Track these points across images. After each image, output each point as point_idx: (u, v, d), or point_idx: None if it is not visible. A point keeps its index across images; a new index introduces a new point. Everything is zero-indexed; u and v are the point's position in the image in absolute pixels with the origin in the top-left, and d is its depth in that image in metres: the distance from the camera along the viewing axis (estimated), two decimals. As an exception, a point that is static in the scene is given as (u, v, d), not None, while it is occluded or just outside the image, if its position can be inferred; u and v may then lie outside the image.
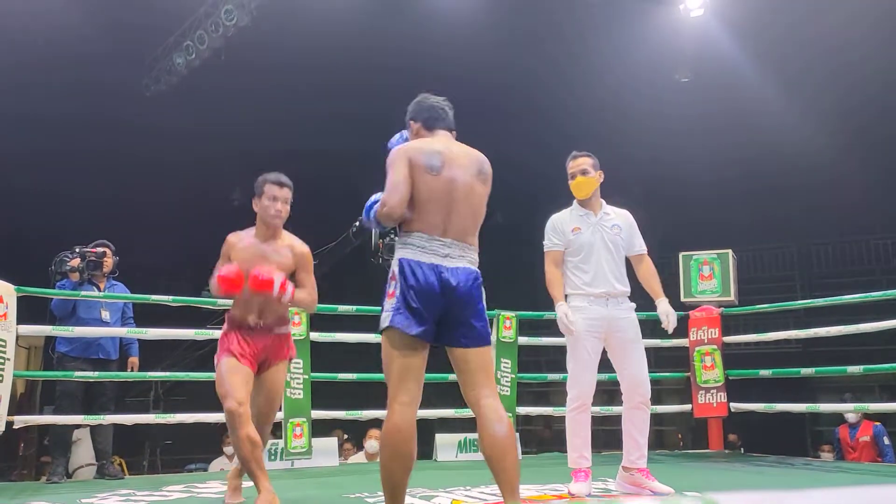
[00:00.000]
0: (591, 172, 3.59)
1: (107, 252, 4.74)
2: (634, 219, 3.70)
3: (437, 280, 2.31)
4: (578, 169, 3.60)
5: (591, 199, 3.61)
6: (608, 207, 3.65)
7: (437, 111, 2.60)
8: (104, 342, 4.65)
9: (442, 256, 2.34)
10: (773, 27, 8.88)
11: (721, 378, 5.37)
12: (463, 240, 2.39)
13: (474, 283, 2.38)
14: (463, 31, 9.03)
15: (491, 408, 2.38)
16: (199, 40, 9.17)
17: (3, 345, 3.93)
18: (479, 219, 2.46)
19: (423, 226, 2.37)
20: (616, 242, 3.56)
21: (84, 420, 4.48)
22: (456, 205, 2.38)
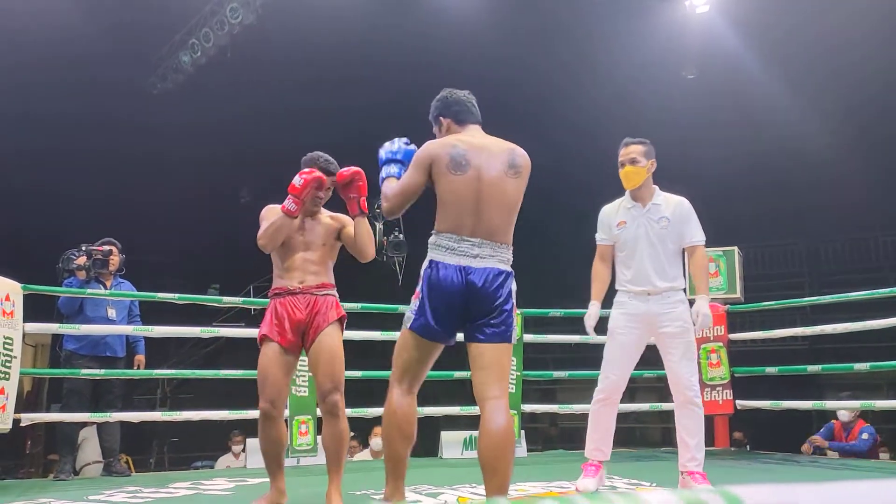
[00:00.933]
0: (641, 162, 3.39)
1: (113, 250, 4.74)
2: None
3: (462, 281, 2.31)
4: (628, 158, 3.42)
5: (640, 190, 3.42)
6: (661, 197, 3.43)
7: (465, 105, 2.56)
8: (111, 340, 4.66)
9: (472, 257, 2.33)
10: (777, 24, 8.85)
11: (727, 375, 5.35)
12: (493, 238, 2.37)
13: (498, 282, 2.35)
14: (469, 27, 9.02)
15: (495, 408, 2.34)
16: (205, 38, 9.20)
17: (10, 343, 3.95)
18: (512, 215, 2.42)
19: (451, 226, 2.36)
20: (662, 236, 3.36)
21: (91, 418, 4.49)
22: (484, 204, 2.36)
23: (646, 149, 3.45)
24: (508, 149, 2.46)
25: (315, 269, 2.97)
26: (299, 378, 4.60)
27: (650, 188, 3.45)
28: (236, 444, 6.59)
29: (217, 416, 4.81)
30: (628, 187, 3.46)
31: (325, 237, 3.01)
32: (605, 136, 9.78)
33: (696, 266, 3.38)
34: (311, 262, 2.97)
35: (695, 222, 3.40)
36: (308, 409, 4.61)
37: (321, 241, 2.99)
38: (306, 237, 2.99)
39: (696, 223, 3.40)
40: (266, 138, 10.02)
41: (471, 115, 2.54)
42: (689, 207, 3.42)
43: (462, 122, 2.53)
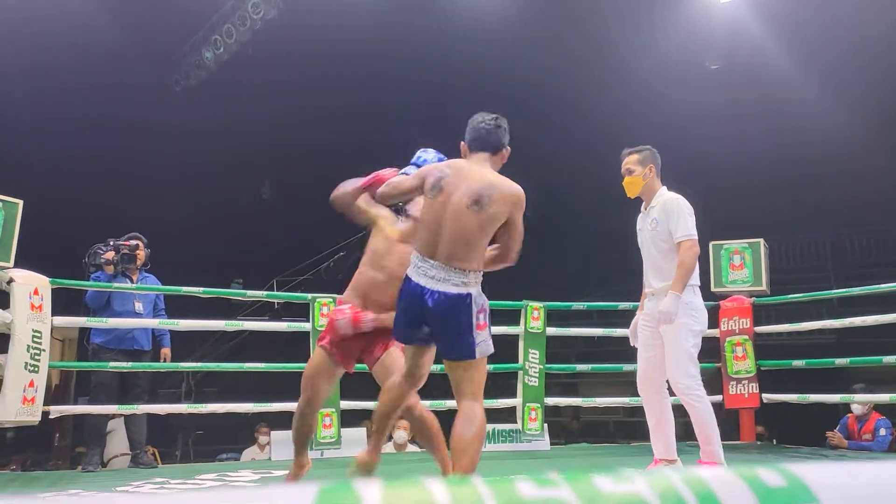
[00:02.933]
0: (636, 171, 3.53)
1: (139, 245, 4.80)
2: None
3: (419, 299, 2.48)
4: (625, 168, 3.57)
5: (643, 196, 3.58)
6: (658, 198, 3.54)
7: (478, 132, 2.65)
8: (137, 334, 4.71)
9: (429, 278, 2.48)
10: (803, 15, 8.71)
11: (752, 369, 5.30)
12: (450, 263, 2.47)
13: (453, 306, 2.46)
14: (489, 24, 8.99)
15: (466, 408, 2.51)
16: (227, 34, 9.25)
17: (39, 336, 4.01)
18: (470, 246, 2.49)
19: (420, 245, 2.54)
20: (654, 237, 3.50)
21: (118, 410, 4.55)
22: (444, 230, 2.48)
23: (641, 156, 3.55)
24: (486, 183, 2.51)
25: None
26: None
27: (652, 192, 3.56)
28: (263, 436, 6.63)
29: (242, 409, 4.86)
30: (629, 196, 3.61)
31: None
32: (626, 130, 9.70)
33: (677, 262, 3.40)
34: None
35: (679, 219, 3.43)
36: (332, 403, 4.63)
37: None
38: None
39: (680, 219, 3.42)
40: (288, 134, 10.06)
41: (479, 143, 2.63)
42: (676, 205, 3.46)
43: (472, 149, 2.65)
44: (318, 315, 4.68)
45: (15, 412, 3.86)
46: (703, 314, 3.51)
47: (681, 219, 3.42)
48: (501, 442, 5.07)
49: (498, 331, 5.37)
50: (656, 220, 3.49)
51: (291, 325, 4.98)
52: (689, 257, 3.37)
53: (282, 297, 6.96)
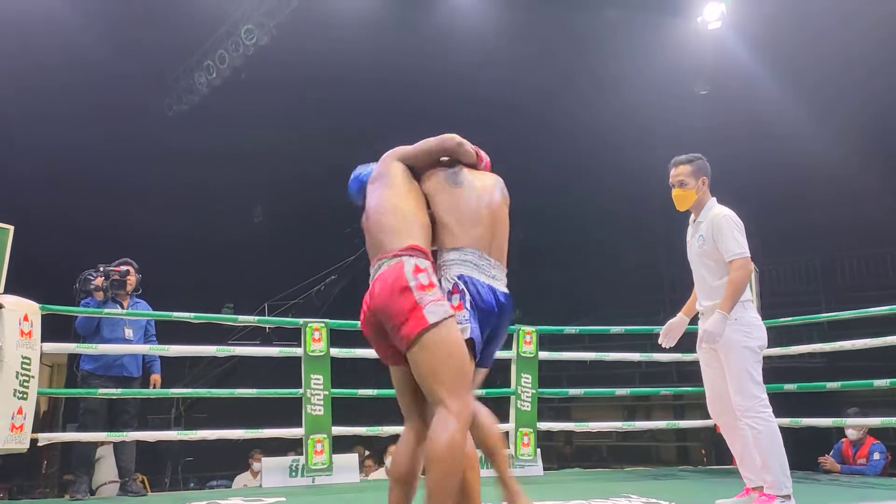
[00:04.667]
0: (689, 183, 3.35)
1: (130, 270, 4.78)
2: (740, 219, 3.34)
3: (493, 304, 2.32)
4: (676, 180, 3.39)
5: (693, 209, 3.40)
6: (707, 213, 3.34)
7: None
8: (127, 360, 4.69)
9: (490, 277, 2.35)
10: (790, 40, 8.85)
11: (745, 393, 5.28)
12: (501, 261, 2.41)
13: (510, 308, 2.38)
14: (481, 47, 9.09)
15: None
16: (220, 59, 9.31)
17: (28, 363, 3.97)
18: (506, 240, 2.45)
19: (472, 240, 2.35)
20: (701, 254, 3.32)
21: (108, 437, 4.51)
22: (488, 222, 2.42)
23: (694, 167, 3.38)
24: (493, 177, 2.55)
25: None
26: (314, 397, 4.60)
27: (701, 205, 3.38)
28: (257, 462, 6.56)
29: (232, 436, 4.81)
30: (679, 209, 3.43)
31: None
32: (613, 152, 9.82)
33: (728, 280, 3.21)
34: None
35: (728, 236, 3.24)
36: (323, 428, 4.60)
37: None
38: None
39: (729, 237, 3.24)
40: (280, 159, 10.09)
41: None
42: (723, 221, 3.27)
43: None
44: (310, 340, 4.66)
45: (3, 440, 3.82)
46: (759, 329, 3.28)
47: (731, 237, 3.24)
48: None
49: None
50: (703, 236, 3.31)
51: (283, 351, 4.96)
52: (741, 276, 3.18)
53: (273, 322, 6.92)
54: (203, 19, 9.23)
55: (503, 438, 2.53)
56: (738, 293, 3.18)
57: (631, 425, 6.66)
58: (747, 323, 3.22)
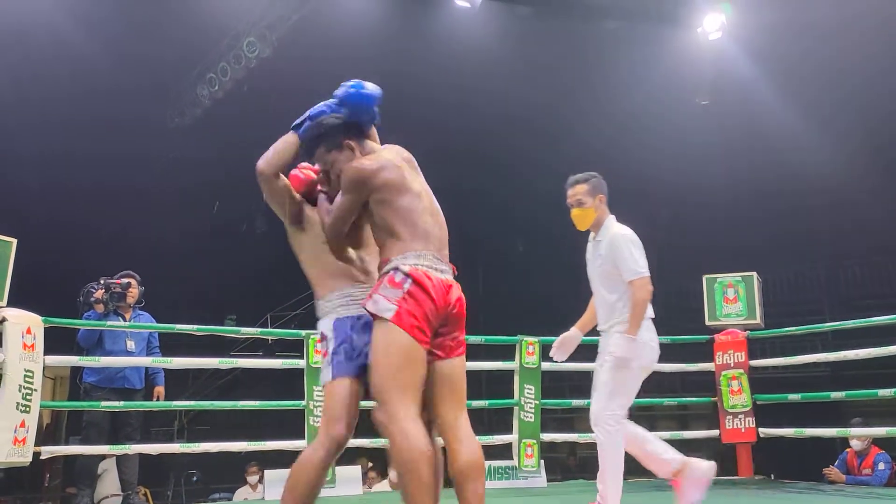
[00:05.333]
0: (586, 203, 3.35)
1: (132, 282, 4.79)
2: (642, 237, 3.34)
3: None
4: (574, 199, 3.39)
5: (592, 227, 3.42)
6: (605, 232, 3.36)
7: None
8: (129, 372, 4.69)
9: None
10: (790, 48, 8.87)
11: (749, 403, 5.29)
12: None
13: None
14: (481, 57, 9.11)
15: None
16: (223, 72, 9.34)
17: (31, 375, 3.97)
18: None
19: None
20: (600, 273, 3.34)
21: (111, 450, 4.50)
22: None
23: (590, 186, 3.38)
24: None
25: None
26: (317, 409, 4.58)
27: (600, 223, 3.39)
28: (251, 475, 6.54)
29: (235, 448, 4.80)
30: (579, 229, 3.44)
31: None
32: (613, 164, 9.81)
33: (631, 303, 3.23)
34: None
35: (627, 256, 3.24)
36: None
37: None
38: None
39: (628, 257, 3.24)
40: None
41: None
42: (622, 241, 3.28)
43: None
44: (312, 352, 4.65)
45: (6, 453, 3.81)
46: (647, 350, 3.28)
47: (629, 256, 3.24)
48: (498, 479, 5.01)
49: (493, 366, 5.40)
50: (602, 255, 3.33)
51: (286, 363, 4.96)
52: (643, 297, 3.20)
53: (275, 335, 6.92)
54: (205, 32, 9.26)
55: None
56: (642, 314, 3.20)
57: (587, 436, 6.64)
58: (642, 341, 3.23)
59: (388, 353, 2.23)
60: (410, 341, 2.23)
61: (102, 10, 8.41)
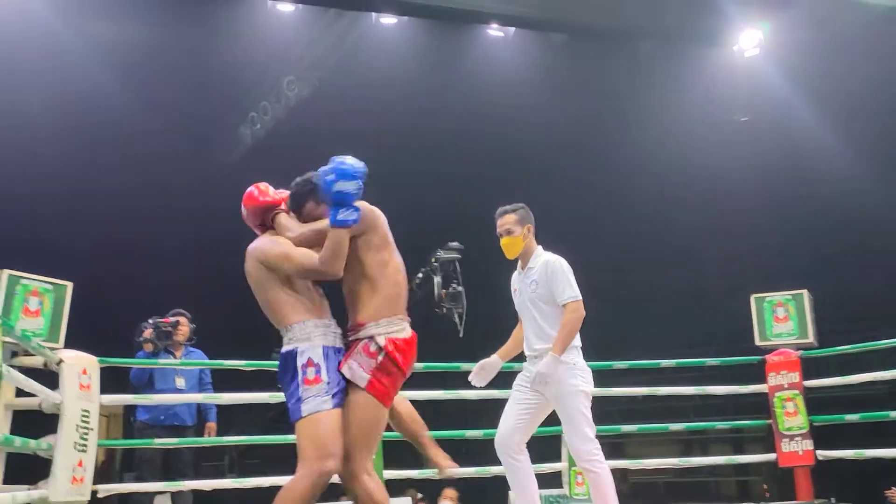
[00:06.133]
0: (515, 231, 3.46)
1: (181, 320, 4.89)
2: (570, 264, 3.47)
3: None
4: (503, 229, 3.49)
5: (522, 256, 3.52)
6: (537, 260, 3.48)
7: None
8: (179, 409, 4.77)
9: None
10: (829, 65, 8.76)
11: (805, 425, 5.15)
12: (278, 326, 2.61)
13: (280, 364, 2.56)
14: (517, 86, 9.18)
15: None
16: (264, 111, 9.57)
17: (87, 415, 4.06)
18: (269, 311, 2.62)
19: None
20: (534, 299, 3.44)
21: (166, 487, 4.57)
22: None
23: (518, 216, 3.50)
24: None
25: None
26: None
27: (529, 252, 3.52)
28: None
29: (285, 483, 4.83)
30: (509, 257, 3.55)
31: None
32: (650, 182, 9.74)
33: (562, 323, 3.34)
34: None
35: (563, 281, 3.38)
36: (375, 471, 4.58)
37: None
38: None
39: (564, 281, 3.37)
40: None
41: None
42: (557, 267, 3.41)
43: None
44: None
45: (65, 492, 3.90)
46: (590, 374, 3.42)
47: (565, 280, 3.38)
48: (553, 508, 4.95)
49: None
50: (536, 281, 3.43)
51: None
52: (574, 319, 3.33)
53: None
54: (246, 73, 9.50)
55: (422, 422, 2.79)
56: (571, 336, 3.32)
57: (687, 461, 6.51)
58: (581, 367, 3.36)
59: (360, 419, 2.45)
60: (380, 408, 2.48)
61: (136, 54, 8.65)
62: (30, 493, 3.78)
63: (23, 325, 3.87)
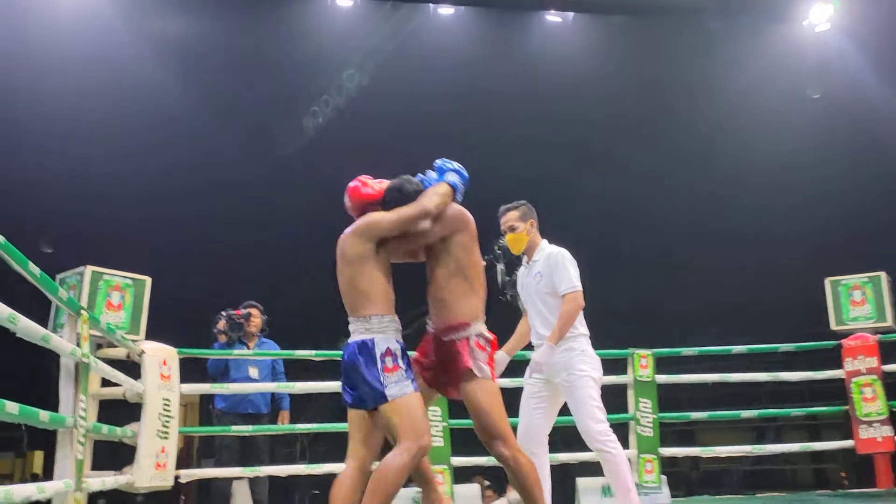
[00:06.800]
0: (518, 227, 3.60)
1: (253, 312, 5.02)
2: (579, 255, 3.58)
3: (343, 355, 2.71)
4: (507, 226, 3.63)
5: (527, 251, 3.65)
6: (541, 253, 3.61)
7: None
8: (254, 398, 4.91)
9: (350, 334, 2.71)
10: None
11: (885, 410, 5.00)
12: (352, 314, 2.70)
13: (356, 353, 2.63)
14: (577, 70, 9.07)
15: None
16: (325, 104, 9.71)
17: (168, 404, 4.24)
18: (355, 294, 2.69)
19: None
20: (539, 290, 3.55)
21: (243, 472, 4.73)
22: (340, 288, 2.75)
23: (520, 212, 3.63)
24: (339, 242, 2.78)
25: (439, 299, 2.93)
26: (433, 428, 4.65)
27: (534, 246, 3.64)
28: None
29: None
30: (514, 252, 3.67)
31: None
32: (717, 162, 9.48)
33: (559, 313, 3.43)
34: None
35: (564, 272, 3.48)
36: (443, 459, 4.67)
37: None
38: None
39: (565, 272, 3.48)
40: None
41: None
42: (559, 258, 3.52)
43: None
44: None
45: (149, 478, 4.08)
46: (598, 362, 3.51)
47: (565, 272, 3.48)
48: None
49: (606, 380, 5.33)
50: (540, 273, 3.55)
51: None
52: (572, 309, 3.42)
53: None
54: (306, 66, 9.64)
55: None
56: (568, 325, 3.41)
57: (760, 449, 6.38)
58: (590, 355, 3.46)
59: (496, 404, 2.70)
60: (497, 385, 2.76)
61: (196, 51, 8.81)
62: (117, 478, 3.97)
63: (106, 319, 4.05)
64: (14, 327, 2.45)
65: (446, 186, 2.81)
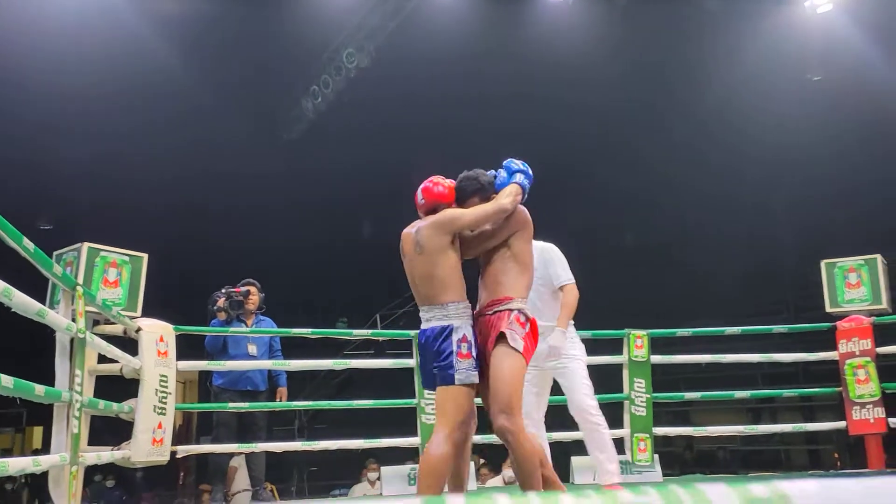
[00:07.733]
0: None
1: (251, 290, 5.03)
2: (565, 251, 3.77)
3: (420, 341, 2.86)
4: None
5: None
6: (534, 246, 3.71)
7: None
8: (252, 374, 4.93)
9: (424, 321, 2.85)
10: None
11: (877, 392, 5.02)
12: (431, 302, 2.82)
13: (435, 337, 2.77)
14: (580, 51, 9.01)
15: (433, 436, 2.76)
16: (325, 84, 9.66)
17: (165, 380, 4.26)
18: (434, 282, 2.81)
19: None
20: (535, 283, 3.54)
21: (240, 448, 4.76)
22: (414, 279, 2.88)
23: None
24: (415, 230, 2.88)
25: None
26: (428, 407, 4.68)
27: None
28: (371, 472, 6.74)
29: (352, 446, 4.99)
30: None
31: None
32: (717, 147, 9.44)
33: (562, 304, 3.67)
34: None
35: (558, 265, 3.73)
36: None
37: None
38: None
39: (559, 266, 3.73)
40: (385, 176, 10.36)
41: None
42: (553, 253, 3.75)
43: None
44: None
45: (146, 453, 4.12)
46: (583, 346, 3.87)
47: (561, 266, 3.73)
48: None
49: (601, 360, 5.37)
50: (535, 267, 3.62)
51: (396, 363, 5.11)
52: (574, 299, 3.69)
53: (385, 335, 7.10)
54: (305, 47, 9.60)
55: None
56: (572, 312, 3.70)
57: (753, 429, 6.43)
58: (579, 340, 3.83)
59: (516, 377, 2.75)
60: (525, 368, 2.81)
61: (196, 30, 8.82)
62: (113, 453, 4.00)
63: (103, 296, 4.07)
64: (9, 302, 2.47)
65: (517, 187, 2.92)
